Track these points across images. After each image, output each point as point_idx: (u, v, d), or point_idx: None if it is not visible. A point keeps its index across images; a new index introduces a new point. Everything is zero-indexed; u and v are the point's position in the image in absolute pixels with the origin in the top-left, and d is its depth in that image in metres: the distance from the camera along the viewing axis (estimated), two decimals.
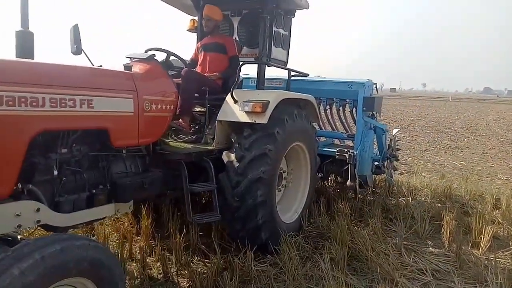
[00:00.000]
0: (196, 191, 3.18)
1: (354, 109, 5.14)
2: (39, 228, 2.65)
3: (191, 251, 3.51)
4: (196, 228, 3.62)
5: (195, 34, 4.78)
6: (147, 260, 3.34)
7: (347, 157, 4.50)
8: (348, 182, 4.61)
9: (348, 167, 4.58)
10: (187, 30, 4.79)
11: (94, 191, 2.59)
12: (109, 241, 3.44)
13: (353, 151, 4.55)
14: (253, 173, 3.23)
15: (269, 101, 3.38)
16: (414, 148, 11.38)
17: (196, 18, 4.77)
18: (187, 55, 4.42)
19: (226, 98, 3.58)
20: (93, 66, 2.81)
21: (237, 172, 3.26)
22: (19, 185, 2.14)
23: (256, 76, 5.25)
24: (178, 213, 3.99)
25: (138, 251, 3.45)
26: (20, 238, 2.39)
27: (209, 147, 3.49)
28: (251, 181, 3.22)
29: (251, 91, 3.78)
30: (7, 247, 2.02)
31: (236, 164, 3.28)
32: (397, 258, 3.56)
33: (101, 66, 2.98)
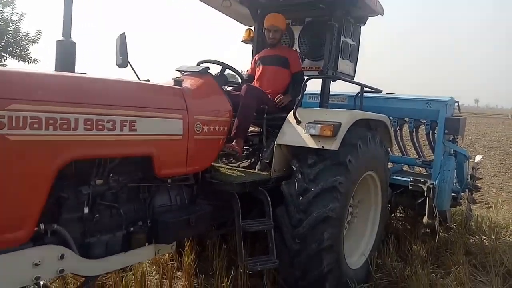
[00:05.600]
0: (250, 230, 2.66)
1: (430, 131, 4.42)
2: None
3: None
4: (246, 269, 3.10)
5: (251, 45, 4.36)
6: None
7: (425, 189, 3.78)
8: (425, 219, 3.88)
9: (425, 200, 3.86)
10: (242, 41, 4.36)
11: (132, 229, 2.16)
12: (147, 278, 3.00)
13: (432, 181, 3.82)
14: (319, 210, 2.66)
15: (340, 123, 2.81)
16: (480, 172, 10.15)
17: (252, 28, 4.35)
18: (239, 68, 3.99)
19: (288, 118, 3.06)
20: (138, 81, 2.42)
21: (299, 209, 2.71)
22: (42, 226, 1.74)
23: (315, 92, 4.78)
24: (225, 246, 3.50)
25: None
26: (43, 285, 2.01)
27: (266, 176, 2.97)
28: (317, 220, 2.65)
29: (316, 110, 3.23)
30: None
31: (298, 198, 2.73)
32: None
33: (148, 80, 2.59)
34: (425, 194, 3.79)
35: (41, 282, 1.89)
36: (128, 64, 2.64)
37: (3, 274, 1.59)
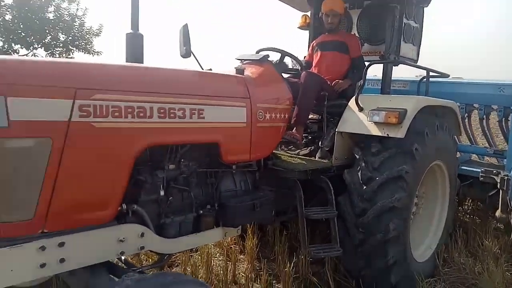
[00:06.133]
0: (313, 218, 2.66)
1: (503, 118, 4.09)
2: None
3: (300, 282, 3.01)
4: (308, 256, 3.12)
5: (307, 31, 4.29)
6: (252, 287, 2.95)
7: (498, 181, 3.52)
8: (498, 213, 3.61)
9: (498, 193, 3.59)
10: (298, 27, 4.30)
11: (201, 211, 2.26)
12: (212, 260, 3.13)
13: (506, 173, 3.55)
14: (384, 200, 2.59)
15: (406, 110, 2.69)
16: None
17: (308, 13, 4.27)
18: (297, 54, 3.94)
19: (349, 105, 2.99)
20: (202, 70, 2.49)
21: (363, 198, 2.65)
22: (124, 206, 1.87)
23: (373, 77, 4.62)
24: (285, 233, 3.54)
25: (242, 274, 3.10)
26: (124, 260, 2.18)
27: (327, 164, 2.94)
28: (382, 210, 2.58)
29: (379, 97, 3.12)
30: (110, 277, 1.78)
31: (362, 187, 2.67)
32: None
33: (210, 70, 2.67)
34: (499, 186, 3.53)
35: (123, 257, 2.04)
36: (192, 54, 2.74)
37: (94, 247, 1.75)
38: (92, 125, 1.66)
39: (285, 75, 3.49)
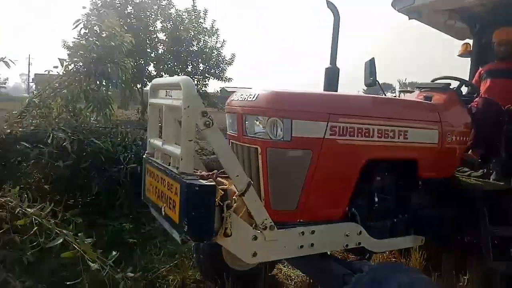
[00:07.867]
0: (498, 235, 2.80)
1: None
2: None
3: None
4: (474, 275, 3.21)
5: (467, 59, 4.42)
6: None
7: None
8: None
9: None
10: (458, 55, 4.48)
11: (395, 220, 2.62)
12: None
13: None
14: None
15: None
16: None
17: (469, 42, 4.41)
18: None
19: None
20: (405, 98, 2.90)
21: None
22: (347, 208, 2.35)
23: None
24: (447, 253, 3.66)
25: None
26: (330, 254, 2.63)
27: (504, 186, 3.04)
28: None
29: None
30: (336, 264, 2.23)
31: None
32: None
33: (396, 96, 3.06)
34: None
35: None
36: (377, 83, 3.19)
37: (332, 237, 2.26)
38: (337, 141, 2.19)
39: None
